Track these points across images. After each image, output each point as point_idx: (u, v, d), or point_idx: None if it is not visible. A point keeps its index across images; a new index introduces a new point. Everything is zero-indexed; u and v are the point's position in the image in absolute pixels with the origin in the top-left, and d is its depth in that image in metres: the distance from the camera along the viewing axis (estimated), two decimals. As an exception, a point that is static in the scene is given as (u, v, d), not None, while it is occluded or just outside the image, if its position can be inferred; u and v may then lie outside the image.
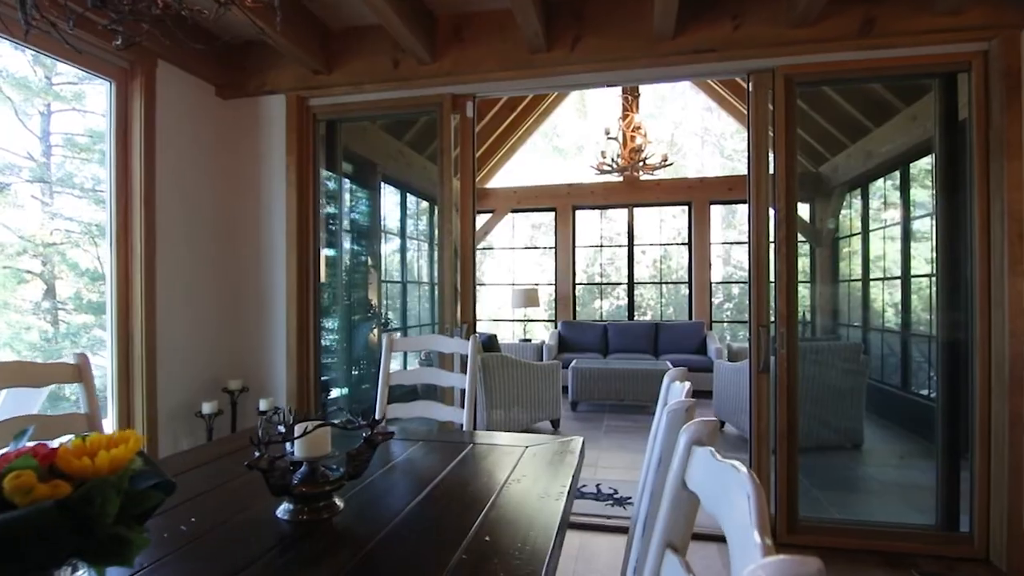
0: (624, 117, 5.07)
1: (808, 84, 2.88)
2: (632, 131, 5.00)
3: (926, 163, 5.20)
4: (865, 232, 6.07)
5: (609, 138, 5.03)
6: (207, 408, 2.94)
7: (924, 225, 5.24)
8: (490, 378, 4.43)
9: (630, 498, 3.22)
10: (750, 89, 2.88)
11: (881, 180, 5.74)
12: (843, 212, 6.76)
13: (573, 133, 14.11)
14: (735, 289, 11.94)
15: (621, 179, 7.46)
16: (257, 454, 1.13)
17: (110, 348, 2.77)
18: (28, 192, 4.51)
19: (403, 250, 6.26)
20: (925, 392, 5.14)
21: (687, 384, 1.25)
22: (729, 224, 12.31)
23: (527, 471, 1.46)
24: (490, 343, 4.61)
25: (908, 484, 3.77)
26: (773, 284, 2.79)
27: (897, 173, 5.45)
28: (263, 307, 3.26)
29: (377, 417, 2.29)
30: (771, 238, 2.86)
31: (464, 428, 2.16)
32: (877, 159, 5.51)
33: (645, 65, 2.85)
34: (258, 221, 3.28)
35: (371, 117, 3.52)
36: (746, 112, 2.97)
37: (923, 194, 5.23)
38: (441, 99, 3.09)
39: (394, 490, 1.35)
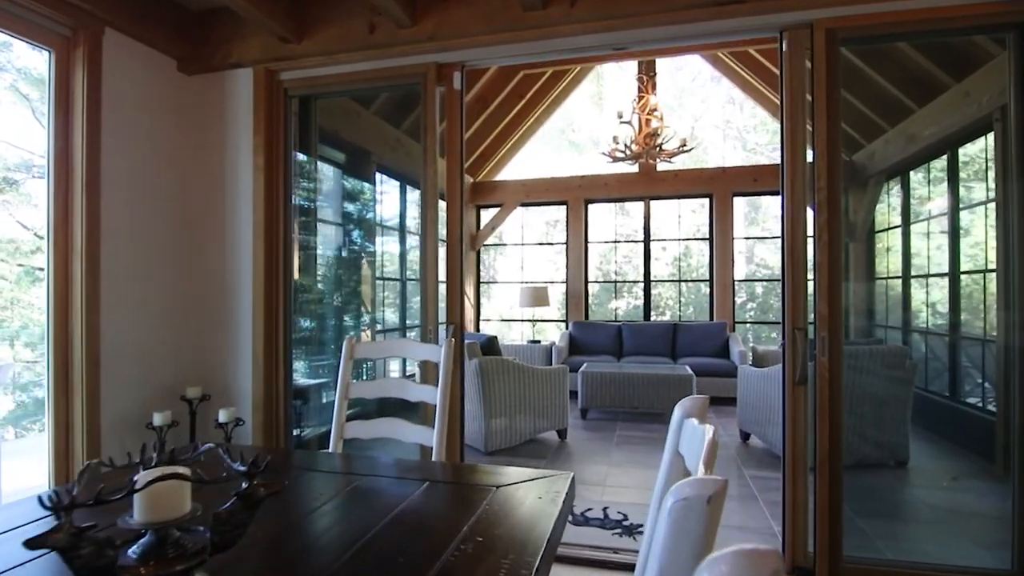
0: (639, 99, 4.64)
1: (853, 41, 2.43)
2: (647, 114, 4.56)
3: (979, 147, 4.66)
4: (905, 225, 5.54)
5: (622, 122, 4.61)
6: (158, 419, 2.59)
7: (976, 215, 4.70)
8: (488, 385, 4.04)
9: (641, 527, 2.80)
10: (784, 49, 2.45)
11: (924, 168, 5.21)
12: (879, 204, 6.22)
13: (588, 127, 13.64)
14: (758, 288, 11.38)
15: (636, 168, 7.01)
16: (57, 521, 0.76)
17: (46, 350, 2.44)
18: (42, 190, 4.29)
19: (403, 245, 5.90)
20: (976, 402, 4.61)
21: (709, 431, 0.84)
22: (752, 221, 11.74)
23: (486, 528, 1.06)
24: (489, 346, 4.22)
25: (965, 511, 3.29)
26: (812, 281, 2.35)
27: (944, 159, 4.92)
28: (228, 306, 2.91)
29: (333, 437, 1.92)
30: (809, 228, 2.42)
31: (434, 454, 1.76)
32: (920, 143, 4.99)
33: (658, 23, 2.43)
34: (223, 210, 2.94)
35: (349, 92, 3.15)
36: (779, 79, 2.53)
37: (975, 181, 4.70)
38: (425, 69, 2.71)
39: (289, 564, 0.96)
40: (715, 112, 14.95)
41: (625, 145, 4.55)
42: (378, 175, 5.35)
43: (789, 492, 2.45)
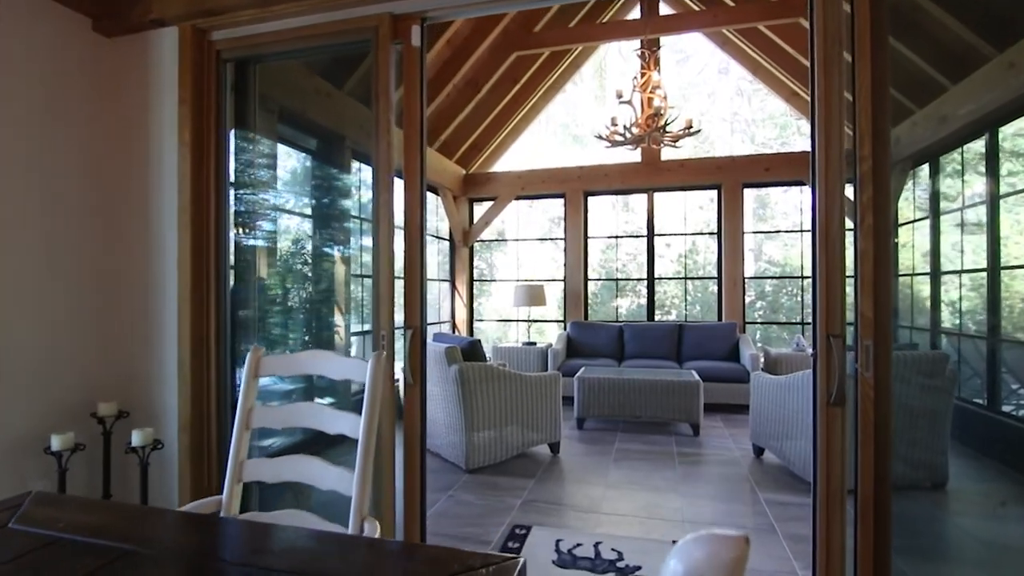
0: (641, 75, 4.17)
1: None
2: (650, 93, 4.10)
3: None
4: (934, 216, 5.04)
5: (622, 102, 4.14)
6: (57, 443, 2.16)
7: (1020, 203, 4.21)
8: (469, 394, 3.59)
9: (639, 569, 2.34)
10: (814, -12, 1.98)
11: (957, 152, 4.71)
12: (904, 194, 5.71)
13: (590, 122, 13.15)
14: (767, 286, 10.85)
15: (638, 154, 6.53)
16: None
17: (-87, 363, 2.01)
18: None
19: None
20: (1014, 411, 4.12)
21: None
22: (760, 218, 11.22)
23: None
24: (471, 350, 3.77)
25: (1021, 546, 2.81)
26: (853, 277, 1.89)
27: (982, 140, 4.42)
28: (152, 307, 2.47)
29: (227, 479, 1.47)
30: (843, 220, 1.95)
31: (352, 514, 1.30)
32: (953, 125, 4.49)
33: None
34: (146, 195, 2.50)
35: (292, 54, 2.70)
36: (808, 30, 2.06)
37: (1020, 165, 4.20)
38: (376, 22, 2.25)
39: None
40: (722, 105, 14.42)
41: (625, 127, 4.09)
42: (356, 163, 4.89)
43: (821, 532, 1.98)
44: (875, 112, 1.87)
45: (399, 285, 2.29)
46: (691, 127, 4.15)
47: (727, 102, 14.52)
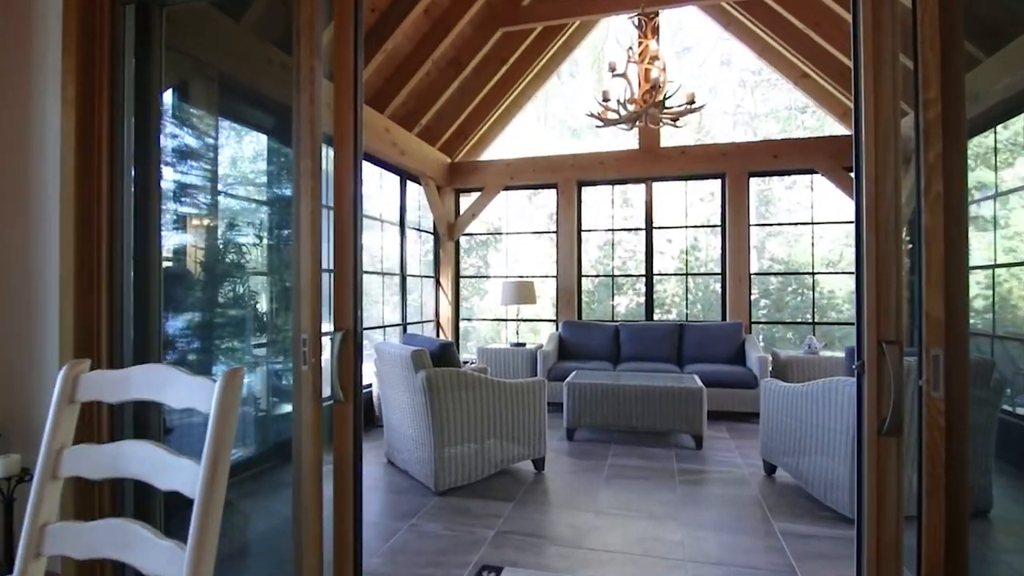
0: (638, 44, 3.69)
1: None
2: (647, 63, 3.63)
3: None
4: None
5: (616, 75, 3.67)
6: None
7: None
8: (439, 405, 3.13)
9: (630, 630, 1.88)
10: None
11: (991, 132, 4.24)
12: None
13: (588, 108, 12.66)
14: (772, 283, 10.33)
15: (634, 139, 6.07)
16: None
17: None
18: None
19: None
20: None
21: None
22: (761, 216, 10.72)
23: None
24: (442, 354, 3.30)
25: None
26: (918, 274, 1.43)
27: (1022, 120, 3.95)
28: (28, 303, 2.01)
29: (20, 553, 1.00)
30: (898, 194, 1.50)
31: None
32: (987, 102, 4.02)
33: None
34: (25, 167, 2.03)
35: (205, -7, 2.23)
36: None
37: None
38: (299, -57, 1.79)
39: None
40: (725, 98, 13.91)
41: (619, 102, 3.62)
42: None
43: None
44: (945, 37, 1.40)
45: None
46: (693, 102, 3.69)
47: (729, 95, 14.00)
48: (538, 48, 6.03)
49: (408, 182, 5.98)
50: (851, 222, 7.19)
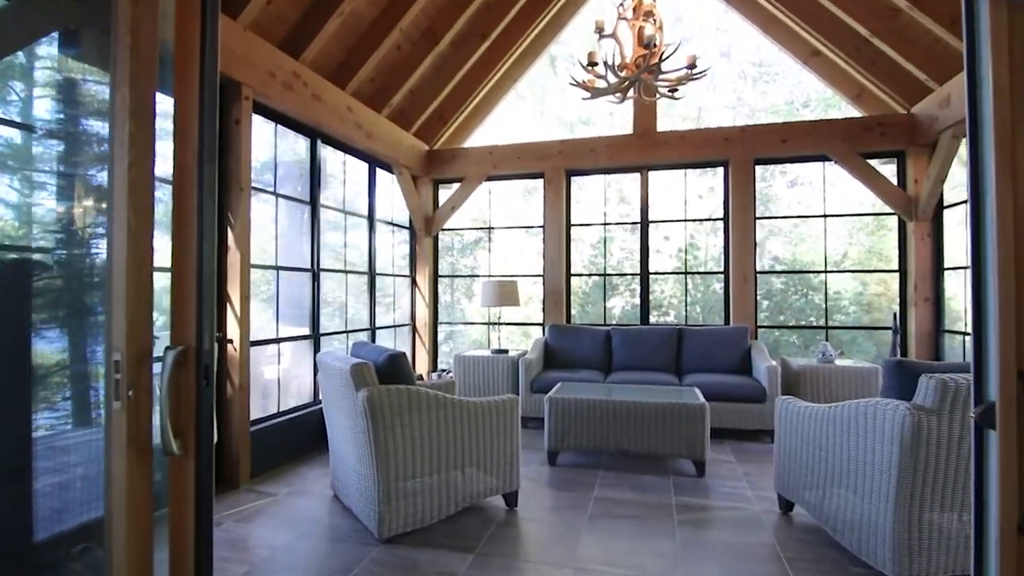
0: None
1: None
2: (641, 19, 3.05)
3: None
4: (1002, 194, 4.00)
5: (603, 36, 3.10)
6: None
7: None
8: (384, 432, 2.54)
9: None
10: None
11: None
12: (954, 168, 4.67)
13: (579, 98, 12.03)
14: (774, 283, 9.67)
15: (628, 121, 5.49)
16: None
17: None
18: None
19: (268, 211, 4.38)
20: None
21: None
22: (759, 215, 10.12)
23: None
24: (391, 368, 2.71)
25: None
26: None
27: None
28: None
29: None
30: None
31: None
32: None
33: None
34: None
35: None
36: None
37: None
38: None
39: None
40: (724, 93, 13.31)
41: (606, 65, 3.04)
42: (256, 117, 3.84)
43: None
44: None
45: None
46: (694, 67, 3.11)
47: (729, 88, 13.41)
48: (523, 23, 5.44)
49: (378, 170, 5.38)
50: (868, 214, 6.66)
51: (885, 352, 8.08)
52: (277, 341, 3.94)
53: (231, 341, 3.32)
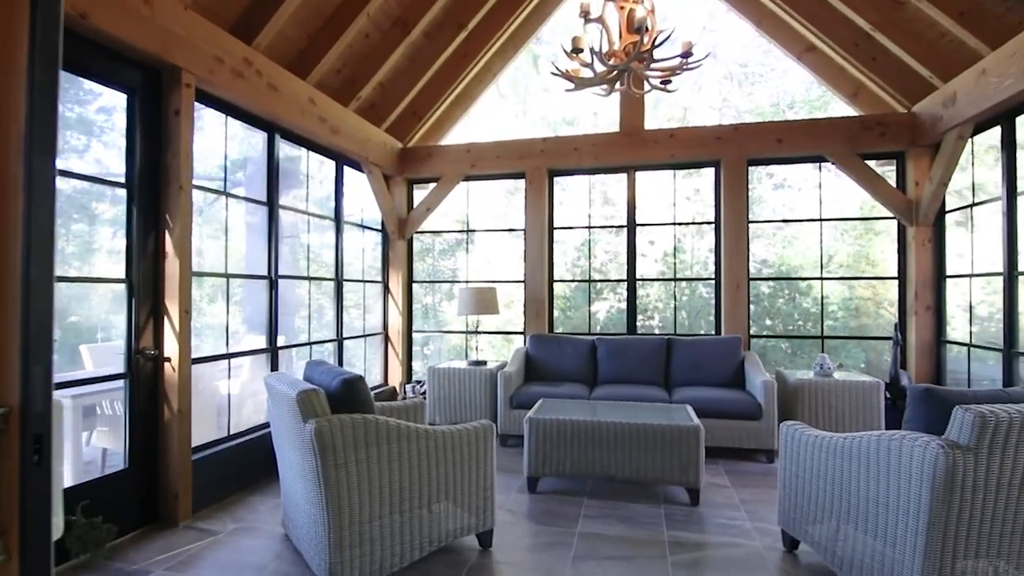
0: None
1: None
2: (631, 1, 2.74)
3: None
4: (1010, 196, 3.77)
5: (589, 20, 2.78)
6: None
7: None
8: (336, 471, 2.18)
9: None
10: None
11: (1054, 105, 3.41)
12: (961, 170, 4.44)
13: (567, 96, 11.63)
14: (761, 288, 9.35)
15: (615, 119, 5.19)
16: None
17: None
18: None
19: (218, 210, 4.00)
20: None
21: None
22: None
23: None
24: (346, 395, 2.35)
25: None
26: None
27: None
28: None
29: None
30: None
31: None
32: (1051, 67, 3.20)
33: None
34: None
35: None
36: None
37: None
38: None
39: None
40: (710, 93, 13.08)
41: (593, 52, 2.72)
42: (198, 107, 3.46)
43: None
44: None
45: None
46: (690, 54, 2.80)
47: (715, 90, 13.19)
48: (503, 12, 5.11)
49: (347, 168, 5.01)
50: (866, 219, 6.43)
51: (876, 360, 7.89)
52: (228, 357, 3.55)
53: (168, 360, 2.93)
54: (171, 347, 2.93)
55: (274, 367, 3.91)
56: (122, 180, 2.85)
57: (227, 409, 3.60)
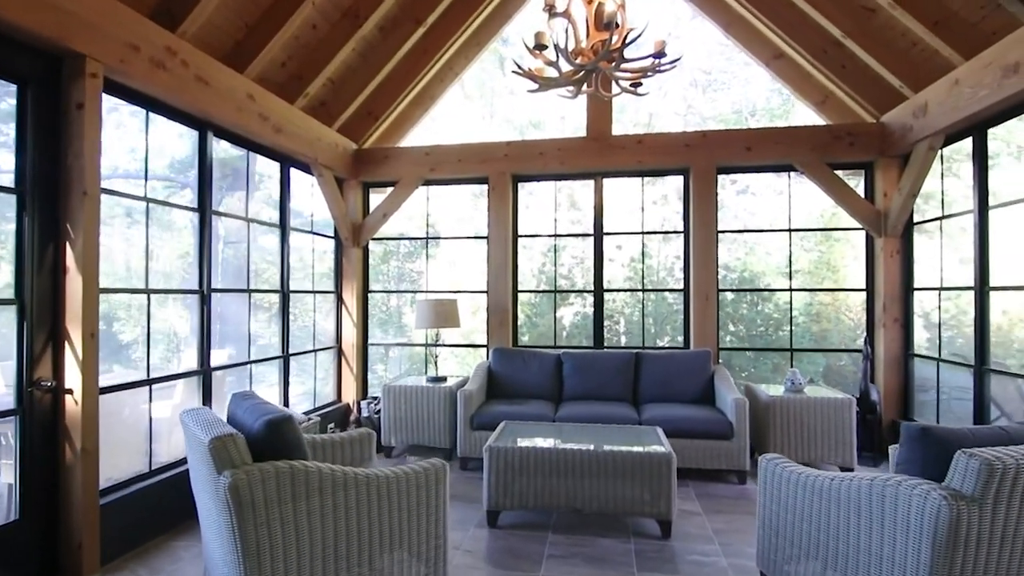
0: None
1: None
2: (598, -6, 2.50)
3: None
4: (982, 209, 3.69)
5: (554, 14, 2.53)
6: None
7: None
8: (258, 528, 1.85)
9: None
10: None
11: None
12: (929, 181, 4.36)
13: (534, 100, 11.33)
14: (730, 298, 9.30)
15: (582, 124, 4.98)
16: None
17: None
18: None
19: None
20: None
21: None
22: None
23: None
24: (271, 438, 2.02)
25: None
26: None
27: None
28: None
29: None
30: None
31: None
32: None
33: None
34: None
35: None
36: None
37: None
38: None
39: None
40: (675, 99, 13.02)
41: (558, 50, 2.46)
42: (105, 98, 3.04)
43: None
44: None
45: None
46: (663, 54, 2.58)
47: (680, 96, 13.16)
48: (465, 9, 4.82)
49: (293, 171, 4.63)
50: (834, 229, 6.39)
51: (835, 365, 7.90)
52: (149, 383, 3.15)
53: (70, 391, 2.53)
54: (73, 376, 2.53)
55: (206, 391, 3.52)
56: (11, 185, 2.44)
57: (148, 441, 3.19)
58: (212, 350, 3.65)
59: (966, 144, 3.75)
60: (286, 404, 4.42)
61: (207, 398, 3.55)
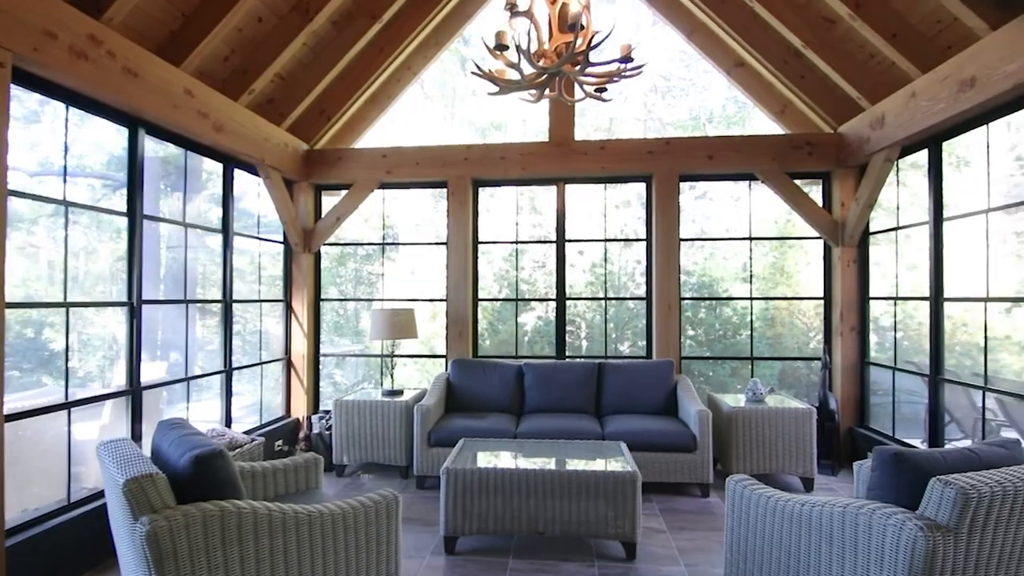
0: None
1: None
2: (562, -6, 2.37)
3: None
4: (937, 221, 3.75)
5: (516, 13, 2.39)
6: None
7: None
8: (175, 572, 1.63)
9: None
10: None
11: (982, 129, 3.41)
12: (886, 192, 4.43)
13: (498, 101, 11.16)
14: (700, 308, 9.27)
15: (543, 129, 4.86)
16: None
17: None
18: None
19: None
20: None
21: None
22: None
23: None
24: (200, 476, 1.80)
25: None
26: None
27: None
28: None
29: None
30: None
31: None
32: (987, 91, 3.16)
33: None
34: None
35: None
36: None
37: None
38: None
39: None
40: (635, 104, 13.09)
41: (519, 51, 2.32)
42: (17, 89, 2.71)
43: None
44: None
45: None
46: (630, 59, 2.47)
47: (640, 100, 13.26)
48: (423, 6, 4.64)
49: (237, 172, 4.34)
50: (794, 238, 6.47)
51: (789, 368, 8.04)
52: (67, 406, 2.84)
53: (-33, 422, 2.23)
54: (-29, 405, 2.23)
55: (135, 412, 3.22)
56: None
57: (67, 470, 2.88)
58: (146, 365, 3.36)
59: (921, 156, 3.81)
60: (228, 422, 4.13)
61: (137, 419, 3.25)
